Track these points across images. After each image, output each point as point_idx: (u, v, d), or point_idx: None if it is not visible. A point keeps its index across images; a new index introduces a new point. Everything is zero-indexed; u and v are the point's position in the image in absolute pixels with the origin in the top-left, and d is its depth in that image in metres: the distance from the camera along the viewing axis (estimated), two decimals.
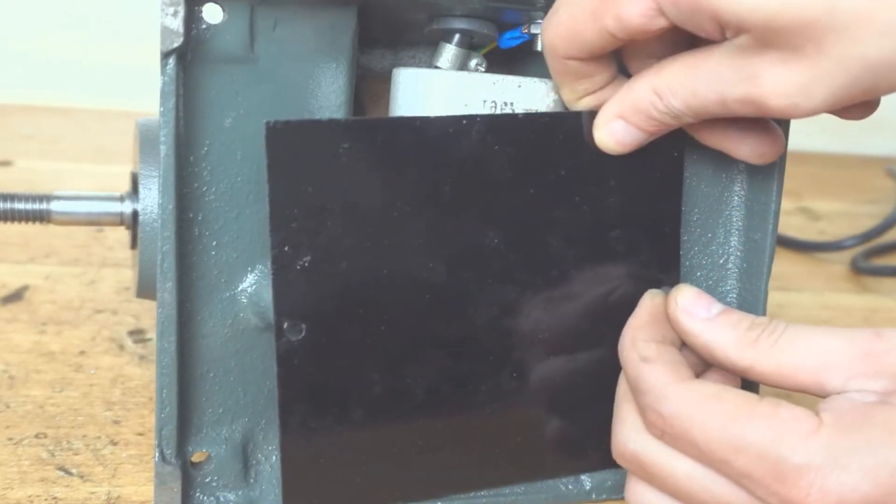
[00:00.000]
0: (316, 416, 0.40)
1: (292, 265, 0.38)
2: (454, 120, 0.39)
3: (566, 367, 0.43)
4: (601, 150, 0.41)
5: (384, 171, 0.39)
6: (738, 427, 0.35)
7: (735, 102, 0.36)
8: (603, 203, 0.42)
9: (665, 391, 0.37)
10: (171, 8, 0.36)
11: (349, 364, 0.40)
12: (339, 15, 0.40)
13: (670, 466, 0.38)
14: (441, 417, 0.42)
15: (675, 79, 0.38)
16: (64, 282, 0.63)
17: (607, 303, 0.43)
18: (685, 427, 0.37)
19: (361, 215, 0.39)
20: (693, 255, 0.46)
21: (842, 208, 0.96)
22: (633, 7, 0.35)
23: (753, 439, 0.35)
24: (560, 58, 0.39)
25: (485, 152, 0.40)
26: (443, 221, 0.40)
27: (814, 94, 0.35)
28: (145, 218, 0.42)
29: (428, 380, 0.41)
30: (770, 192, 0.44)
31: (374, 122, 0.39)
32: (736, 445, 0.35)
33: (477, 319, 0.41)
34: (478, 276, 0.41)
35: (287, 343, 0.38)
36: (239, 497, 0.43)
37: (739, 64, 0.36)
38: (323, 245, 0.38)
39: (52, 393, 0.51)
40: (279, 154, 0.37)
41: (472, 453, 0.43)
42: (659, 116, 0.39)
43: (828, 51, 0.34)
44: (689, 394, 0.37)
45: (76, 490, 0.44)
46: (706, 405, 0.36)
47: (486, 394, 0.42)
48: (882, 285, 0.79)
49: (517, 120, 0.40)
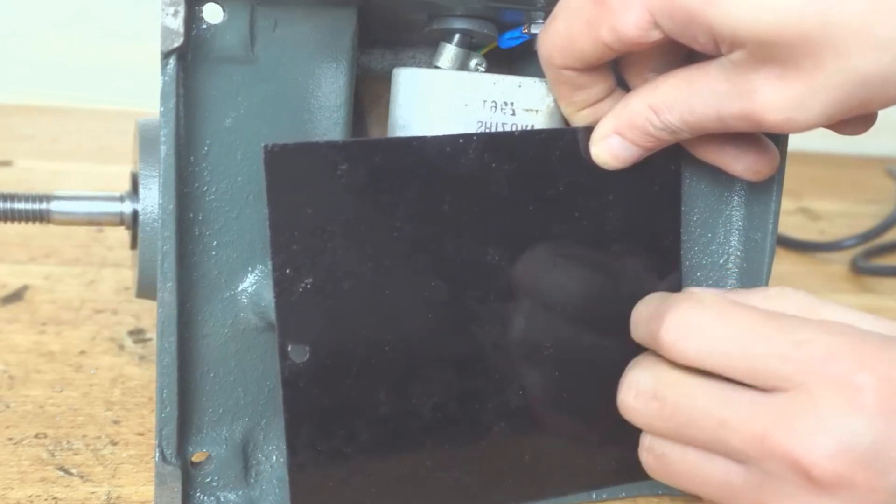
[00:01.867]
0: (323, 437, 0.39)
1: (294, 287, 0.38)
2: (451, 139, 0.39)
3: (571, 382, 0.43)
4: (599, 165, 0.41)
5: (383, 192, 0.39)
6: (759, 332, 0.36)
7: (731, 118, 0.37)
8: (602, 217, 0.42)
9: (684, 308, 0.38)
10: (171, 8, 0.36)
11: (355, 385, 0.40)
12: (339, 15, 0.40)
13: (687, 384, 0.37)
14: (449, 437, 0.42)
15: (671, 95, 0.38)
16: (64, 282, 0.63)
17: (609, 316, 0.43)
18: (706, 334, 0.37)
19: (362, 236, 0.39)
20: (693, 255, 0.46)
21: (842, 208, 0.96)
22: (629, 19, 0.35)
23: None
24: (556, 68, 0.39)
25: (483, 170, 0.40)
26: (443, 240, 0.40)
27: (810, 109, 0.35)
28: (145, 218, 0.42)
29: (434, 399, 0.41)
30: (770, 192, 0.44)
31: (372, 143, 0.39)
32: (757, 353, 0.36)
33: (481, 337, 0.41)
34: (480, 293, 0.41)
35: (292, 365, 0.38)
36: (239, 497, 0.43)
37: (735, 79, 0.36)
38: (324, 266, 0.38)
39: (52, 393, 0.51)
40: (278, 177, 0.37)
41: (481, 472, 0.43)
42: (655, 132, 0.39)
43: (823, 65, 0.34)
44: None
45: (76, 490, 0.44)
46: (727, 314, 0.37)
47: (493, 412, 0.42)
48: (882, 285, 0.78)
49: (514, 137, 0.40)
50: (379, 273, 0.39)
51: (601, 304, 0.43)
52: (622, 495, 0.46)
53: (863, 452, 0.33)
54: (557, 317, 0.42)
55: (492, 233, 0.40)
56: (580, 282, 0.42)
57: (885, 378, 0.34)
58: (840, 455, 0.33)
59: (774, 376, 0.35)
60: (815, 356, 0.35)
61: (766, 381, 0.35)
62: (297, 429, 0.39)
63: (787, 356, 0.35)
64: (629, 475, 0.44)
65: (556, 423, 0.43)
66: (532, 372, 0.42)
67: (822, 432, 0.34)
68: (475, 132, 0.40)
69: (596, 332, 0.42)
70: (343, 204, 0.38)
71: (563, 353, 0.42)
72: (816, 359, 0.35)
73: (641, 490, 0.46)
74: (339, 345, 0.39)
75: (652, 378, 0.39)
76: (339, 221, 0.38)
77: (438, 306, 0.40)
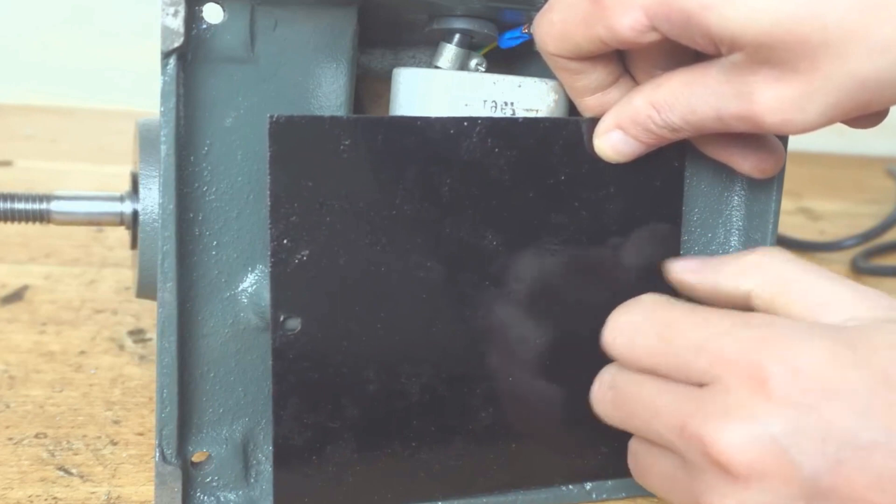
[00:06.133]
0: (310, 411, 0.40)
1: (290, 259, 0.38)
2: (455, 121, 0.39)
3: (563, 373, 0.43)
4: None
5: (384, 170, 0.39)
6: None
7: (731, 119, 0.37)
8: (602, 209, 0.42)
9: None
10: (171, 8, 0.36)
11: (344, 360, 0.40)
12: (339, 15, 0.40)
13: (636, 378, 0.38)
14: (435, 419, 0.42)
15: (673, 94, 0.38)
16: (64, 282, 0.63)
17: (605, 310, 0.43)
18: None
19: (361, 212, 0.39)
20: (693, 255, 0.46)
21: (842, 208, 0.96)
22: (624, 20, 0.35)
23: None
24: (549, 55, 0.39)
25: (485, 154, 0.40)
26: (441, 222, 0.40)
27: (808, 110, 0.35)
28: (145, 218, 0.42)
29: (423, 380, 0.41)
30: (770, 192, 0.44)
31: (376, 121, 0.39)
32: None
33: (474, 321, 0.41)
34: (475, 277, 0.41)
35: (283, 336, 0.39)
36: (239, 497, 0.43)
37: (734, 81, 0.36)
38: (322, 240, 0.38)
39: (52, 393, 0.51)
40: (281, 148, 0.37)
41: (466, 458, 0.43)
42: (657, 130, 0.39)
43: (821, 68, 0.34)
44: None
45: (76, 490, 0.44)
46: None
47: (481, 397, 0.42)
48: (882, 285, 0.78)
49: (518, 123, 0.40)
50: (375, 250, 0.39)
51: (596, 297, 0.42)
52: (622, 495, 0.46)
53: (772, 443, 0.33)
54: (551, 307, 0.42)
55: (490, 218, 0.40)
56: (576, 273, 0.42)
57: (795, 369, 0.33)
58: (749, 445, 0.33)
59: (693, 369, 0.36)
60: (728, 349, 0.35)
61: (689, 375, 0.36)
62: (284, 400, 0.39)
63: (702, 349, 0.36)
64: (616, 471, 0.44)
65: (544, 413, 0.43)
66: (522, 360, 0.42)
67: (732, 422, 0.34)
68: (479, 116, 0.40)
69: (588, 325, 0.42)
70: (344, 179, 0.38)
71: (555, 343, 0.42)
72: (728, 351, 0.35)
73: (641, 490, 0.46)
74: (332, 319, 0.39)
75: (613, 371, 0.40)
76: (339, 196, 0.38)
77: (432, 288, 0.40)
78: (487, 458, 0.43)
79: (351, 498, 0.42)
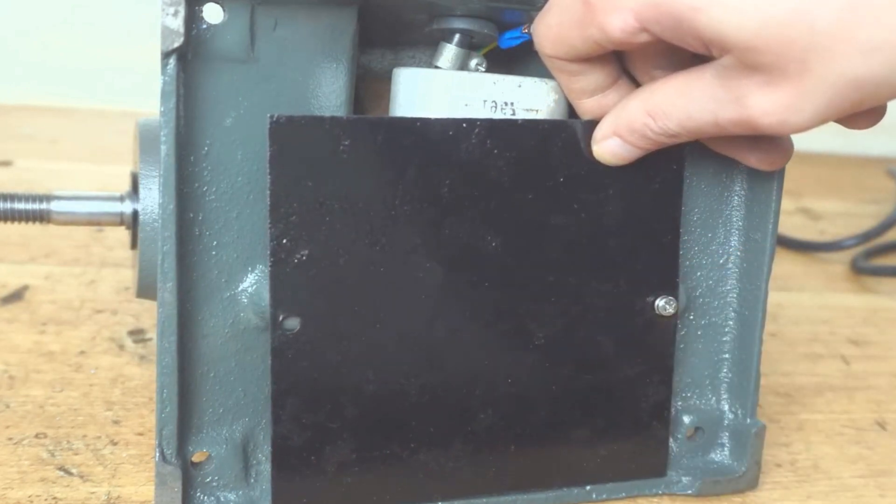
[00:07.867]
0: (308, 411, 0.40)
1: (290, 258, 0.38)
2: (455, 122, 0.39)
3: (560, 375, 0.43)
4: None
5: (384, 170, 0.39)
6: None
7: (728, 123, 0.37)
8: (601, 211, 0.42)
9: None
10: (171, 8, 0.36)
11: (343, 360, 0.40)
12: (339, 15, 0.40)
13: None
14: (434, 420, 0.42)
15: (668, 100, 0.38)
16: (64, 282, 0.63)
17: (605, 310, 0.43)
18: None
19: (360, 212, 0.39)
20: (693, 255, 0.46)
21: (842, 208, 0.97)
22: (616, 22, 0.36)
23: None
24: (547, 57, 0.39)
25: (484, 155, 0.40)
26: (441, 222, 0.40)
27: (802, 112, 0.35)
28: (145, 218, 0.42)
29: (422, 380, 0.41)
30: (770, 192, 0.44)
31: (376, 121, 0.39)
32: None
33: (472, 322, 0.41)
34: (474, 278, 0.41)
35: (282, 336, 0.39)
36: (239, 497, 0.43)
37: (728, 85, 0.36)
38: (321, 240, 0.39)
39: (52, 393, 0.51)
40: (281, 148, 0.38)
41: (465, 459, 0.43)
42: (654, 136, 0.39)
43: (811, 70, 0.34)
44: None
45: (76, 490, 0.44)
46: None
47: (480, 398, 0.42)
48: (882, 285, 0.79)
49: (517, 125, 0.41)
50: (374, 250, 0.39)
51: (595, 299, 0.43)
52: (622, 495, 0.46)
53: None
54: (550, 308, 0.42)
55: (489, 219, 0.41)
56: (575, 274, 0.42)
57: None
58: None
59: None
60: None
61: None
62: (283, 400, 0.40)
63: None
64: (616, 472, 0.44)
65: (543, 415, 0.43)
66: (521, 362, 0.42)
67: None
68: (478, 117, 0.41)
69: (588, 327, 0.42)
70: (344, 179, 0.39)
71: (554, 344, 0.42)
72: None
73: (641, 490, 0.46)
74: (331, 319, 0.39)
75: None
76: (338, 196, 0.39)
77: (431, 288, 0.40)
78: (487, 459, 0.43)
79: (350, 498, 0.42)
